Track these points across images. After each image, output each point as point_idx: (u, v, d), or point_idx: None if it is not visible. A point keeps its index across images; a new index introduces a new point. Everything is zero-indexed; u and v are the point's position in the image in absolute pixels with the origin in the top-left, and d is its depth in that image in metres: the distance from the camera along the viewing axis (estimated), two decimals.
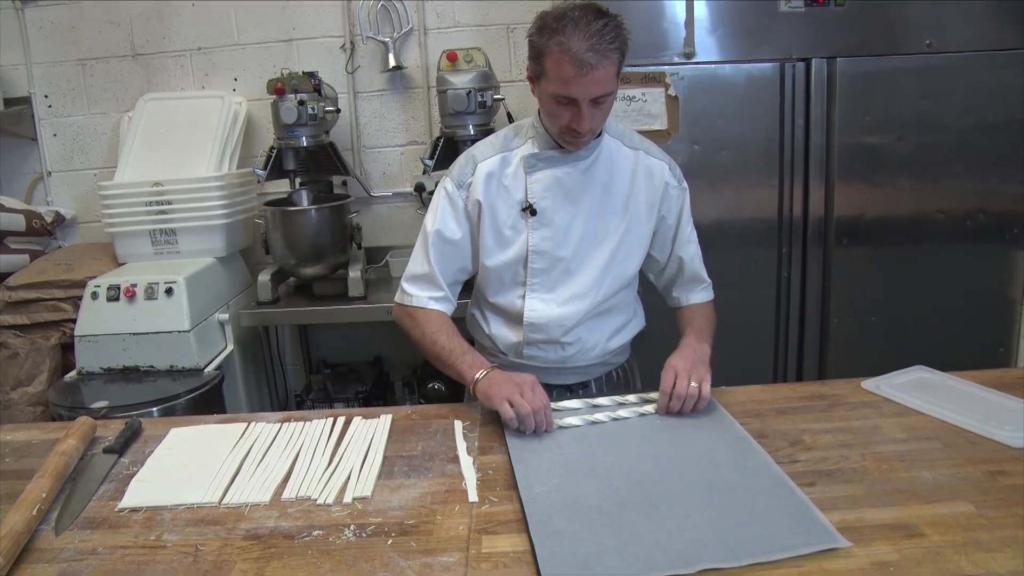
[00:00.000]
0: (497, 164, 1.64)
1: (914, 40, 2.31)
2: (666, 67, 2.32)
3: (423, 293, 1.67)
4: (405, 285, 1.69)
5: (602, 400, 1.53)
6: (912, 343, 2.45)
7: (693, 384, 1.45)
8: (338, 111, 2.84)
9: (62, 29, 3.08)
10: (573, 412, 1.49)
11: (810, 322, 2.49)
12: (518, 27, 3.01)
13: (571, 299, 1.66)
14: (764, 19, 2.30)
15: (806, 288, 2.48)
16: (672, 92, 2.32)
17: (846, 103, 2.34)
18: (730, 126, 2.37)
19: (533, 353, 1.71)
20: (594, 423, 1.45)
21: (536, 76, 1.52)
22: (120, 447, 1.41)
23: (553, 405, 1.50)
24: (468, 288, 1.79)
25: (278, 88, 2.66)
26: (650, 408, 1.49)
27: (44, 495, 1.20)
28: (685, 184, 1.75)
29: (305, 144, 2.72)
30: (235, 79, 3.10)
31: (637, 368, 1.90)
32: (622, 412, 1.48)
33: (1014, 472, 1.20)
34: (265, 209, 2.75)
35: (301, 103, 2.65)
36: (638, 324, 1.82)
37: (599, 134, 1.63)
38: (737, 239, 2.44)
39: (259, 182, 2.84)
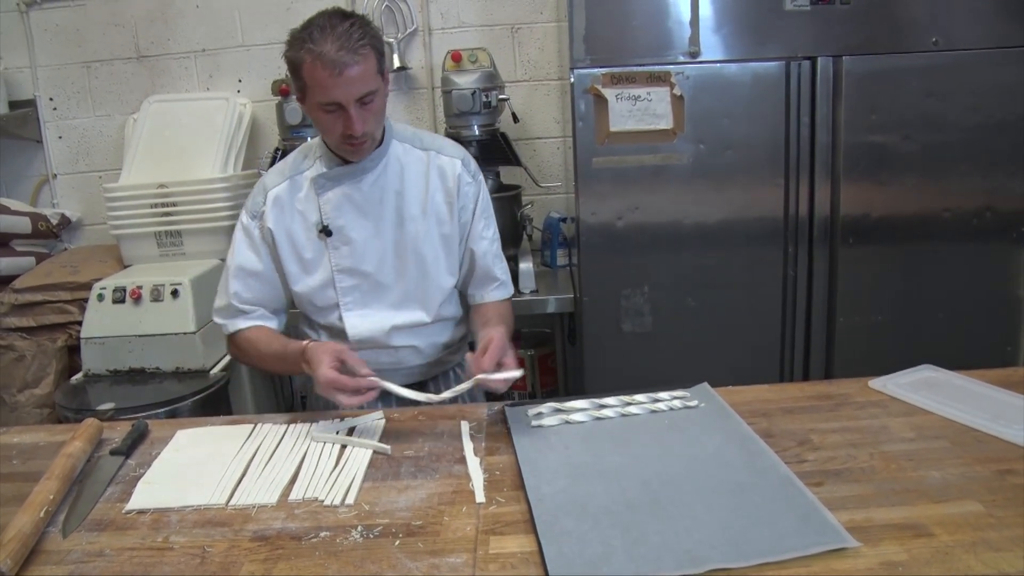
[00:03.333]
0: (286, 189, 1.66)
1: (920, 38, 2.30)
2: (671, 66, 2.32)
3: (231, 320, 1.69)
4: (215, 318, 1.72)
5: (609, 400, 1.52)
6: (919, 342, 2.44)
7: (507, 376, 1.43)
8: None
9: (67, 32, 3.08)
10: (581, 411, 1.48)
11: (816, 321, 2.49)
12: (523, 27, 3.01)
13: (388, 310, 1.69)
14: (769, 18, 2.30)
15: (812, 287, 2.47)
16: (677, 91, 2.32)
17: (852, 102, 2.33)
18: (735, 125, 2.36)
19: (366, 356, 1.70)
20: (600, 419, 1.45)
21: (301, 93, 1.53)
22: (127, 449, 1.42)
23: (559, 406, 1.50)
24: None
25: (283, 89, 2.66)
26: (662, 406, 1.48)
27: (51, 497, 1.20)
28: (481, 178, 1.75)
29: None
30: (240, 80, 3.11)
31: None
32: (632, 409, 1.47)
33: (1023, 471, 1.20)
34: None
35: None
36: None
37: (382, 141, 1.63)
38: (743, 238, 2.43)
39: None
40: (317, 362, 1.43)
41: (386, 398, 1.55)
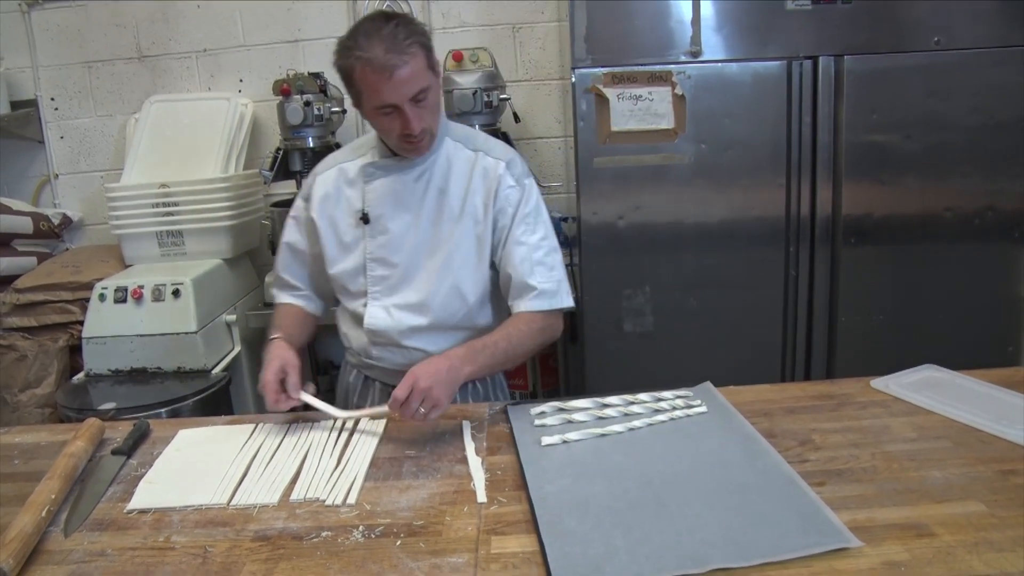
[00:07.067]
0: (334, 175, 1.71)
1: (922, 38, 2.30)
2: (672, 66, 2.31)
3: (277, 291, 1.83)
4: (270, 287, 1.84)
5: (612, 399, 1.51)
6: (920, 342, 2.44)
7: (421, 410, 1.38)
8: (344, 112, 2.84)
9: (68, 32, 3.08)
10: (583, 410, 1.48)
11: (818, 321, 2.49)
12: (524, 27, 3.01)
13: (408, 306, 1.66)
14: (771, 17, 2.30)
15: (814, 287, 2.47)
16: (679, 91, 2.31)
17: (853, 101, 2.33)
18: (737, 125, 2.36)
19: (380, 354, 1.73)
20: (603, 418, 1.45)
21: (356, 99, 1.54)
22: (128, 449, 1.42)
23: (562, 405, 1.50)
24: None
25: (284, 89, 2.66)
26: (665, 406, 1.48)
27: (53, 497, 1.20)
28: (529, 183, 1.67)
29: (311, 145, 2.72)
30: (241, 80, 3.11)
31: (504, 380, 1.86)
32: (635, 408, 1.47)
33: None
34: (272, 210, 2.76)
35: (307, 104, 2.65)
36: None
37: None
38: (744, 238, 2.43)
39: (265, 183, 2.85)
40: (267, 361, 1.54)
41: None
